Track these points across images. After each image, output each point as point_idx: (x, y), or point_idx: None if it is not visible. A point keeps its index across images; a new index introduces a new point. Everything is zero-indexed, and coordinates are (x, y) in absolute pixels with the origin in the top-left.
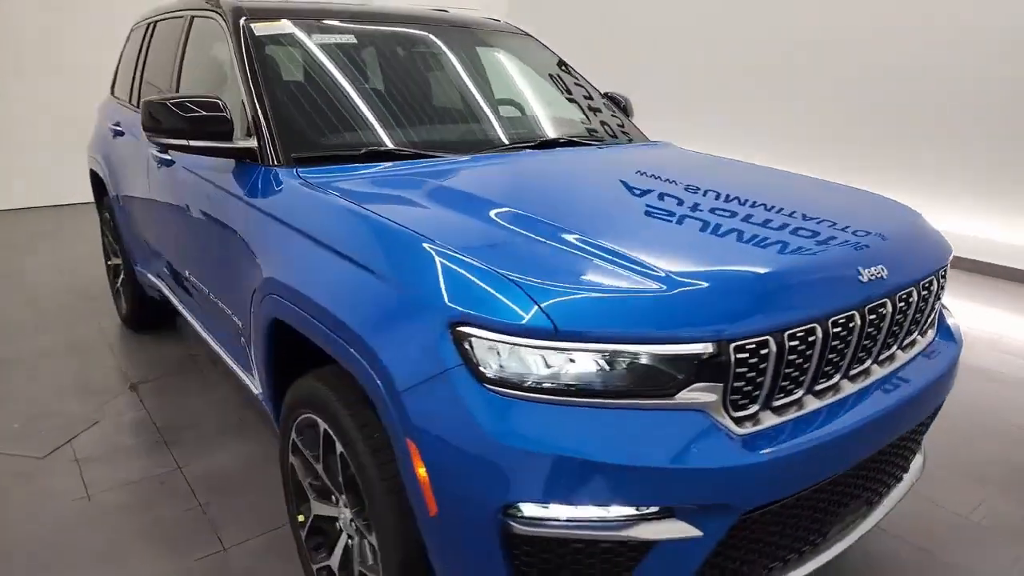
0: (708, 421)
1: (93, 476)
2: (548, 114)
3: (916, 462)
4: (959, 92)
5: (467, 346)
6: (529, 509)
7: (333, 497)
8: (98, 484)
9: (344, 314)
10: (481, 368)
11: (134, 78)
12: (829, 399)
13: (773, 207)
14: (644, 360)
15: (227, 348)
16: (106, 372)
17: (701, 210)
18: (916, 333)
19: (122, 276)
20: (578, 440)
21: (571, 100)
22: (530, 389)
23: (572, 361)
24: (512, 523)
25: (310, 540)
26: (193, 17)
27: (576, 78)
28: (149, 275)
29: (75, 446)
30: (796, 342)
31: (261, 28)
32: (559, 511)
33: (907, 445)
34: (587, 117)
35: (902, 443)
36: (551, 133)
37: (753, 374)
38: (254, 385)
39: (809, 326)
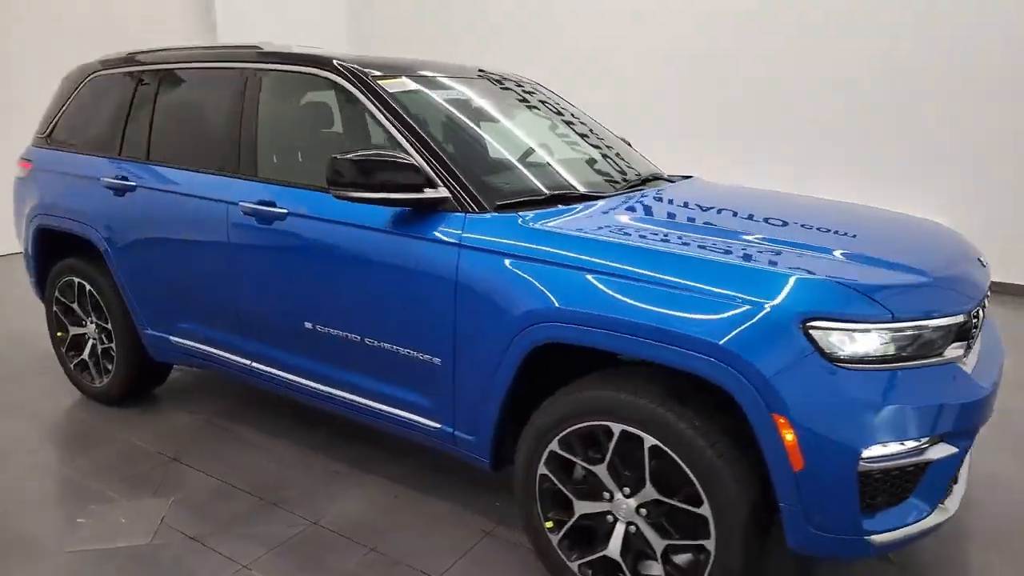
0: (959, 369)
1: (232, 549)
2: (625, 154)
3: None
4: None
5: (815, 335)
6: (874, 450)
7: (606, 494)
8: (245, 554)
9: (683, 328)
10: (828, 351)
11: (124, 130)
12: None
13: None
14: (933, 331)
15: (392, 390)
16: (129, 451)
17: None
18: None
19: (106, 345)
20: (902, 393)
21: (625, 142)
22: (866, 361)
23: (894, 337)
24: (862, 462)
25: (565, 541)
26: (267, 72)
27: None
28: (174, 337)
29: (173, 524)
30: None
31: (393, 85)
32: (891, 448)
33: None
34: (641, 156)
35: None
36: (642, 172)
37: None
38: (440, 421)
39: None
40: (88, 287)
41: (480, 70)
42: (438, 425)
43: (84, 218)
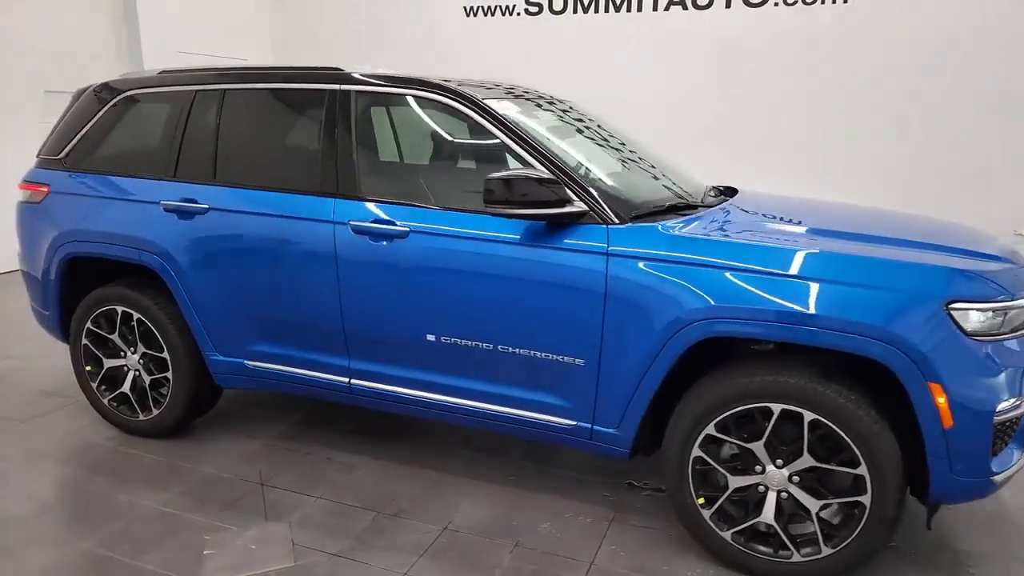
0: None
1: (381, 559)
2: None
3: None
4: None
5: (955, 315)
6: (1001, 405)
7: (758, 468)
8: (398, 563)
9: (856, 316)
10: (967, 327)
11: (180, 151)
12: None
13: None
14: None
15: (522, 393)
16: (210, 481)
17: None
18: None
19: (156, 376)
20: (1018, 358)
21: None
22: (992, 332)
23: (1010, 311)
24: (995, 416)
25: (716, 515)
26: (364, 93)
27: None
28: (249, 361)
29: (308, 544)
30: None
31: (502, 107)
32: (1010, 403)
33: None
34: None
35: None
36: (698, 184)
37: None
38: (576, 419)
39: None
40: (136, 316)
41: (517, 88)
42: (573, 423)
43: (139, 243)
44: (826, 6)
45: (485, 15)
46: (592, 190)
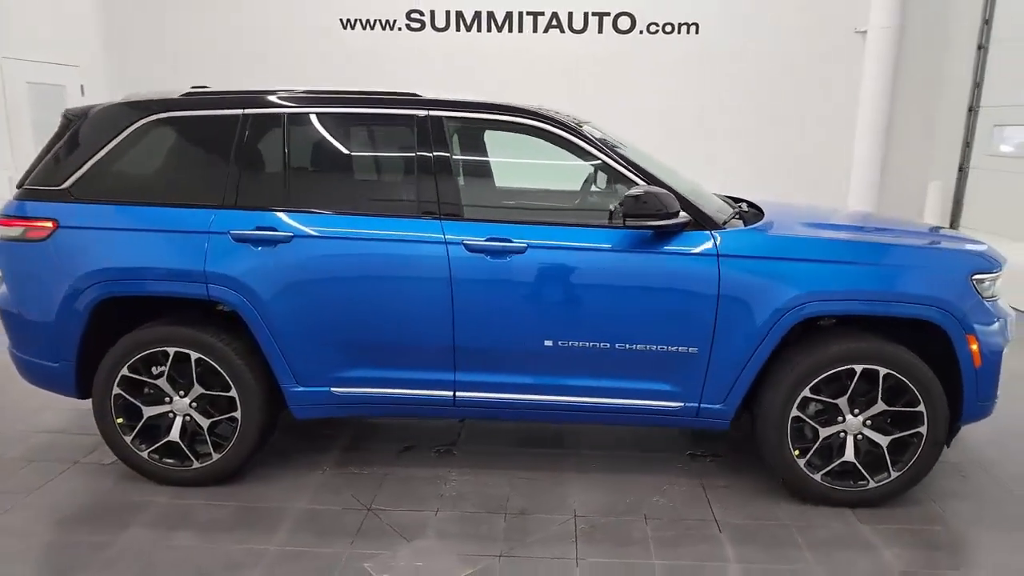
0: None
1: (550, 551)
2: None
3: None
4: None
5: (976, 284)
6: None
7: (840, 418)
8: (562, 551)
9: (926, 290)
10: (983, 292)
11: (239, 177)
12: None
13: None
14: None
15: (635, 384)
16: (315, 516)
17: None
18: None
19: (215, 418)
20: (1005, 312)
21: None
22: (995, 295)
23: (1001, 278)
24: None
25: (808, 462)
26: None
27: None
28: (337, 388)
29: (469, 552)
30: None
31: (593, 131)
32: (1005, 346)
33: None
34: None
35: None
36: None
37: None
38: (684, 400)
39: None
40: (195, 355)
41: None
42: (680, 404)
43: (205, 277)
44: (681, 35)
45: (364, 28)
46: (692, 201)
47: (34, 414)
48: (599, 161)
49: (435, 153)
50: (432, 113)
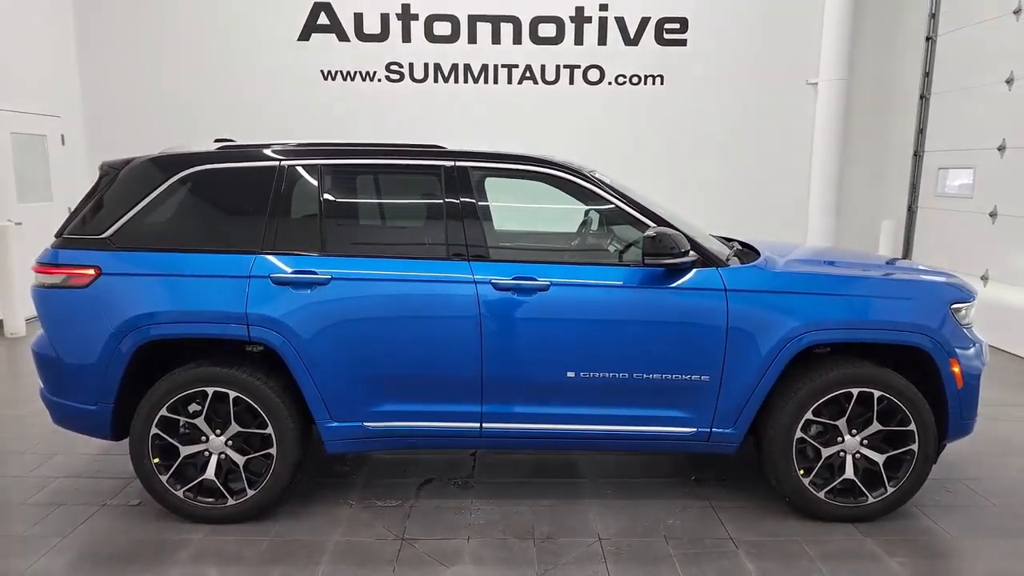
0: None
1: (582, 572)
2: None
3: None
4: None
5: (955, 313)
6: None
7: (839, 438)
8: (590, 561)
9: (910, 319)
10: (961, 319)
11: (276, 225)
12: None
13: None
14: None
15: (650, 411)
16: (352, 550)
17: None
18: None
19: (251, 455)
20: (978, 337)
21: None
22: (969, 323)
23: (974, 307)
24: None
25: (813, 480)
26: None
27: None
28: (371, 423)
29: (524, 569)
30: None
31: (604, 178)
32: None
33: None
34: None
35: None
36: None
37: None
38: (697, 425)
39: None
40: (233, 394)
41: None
42: (693, 429)
43: (248, 319)
44: (648, 86)
45: (344, 80)
46: (698, 241)
47: (48, 459)
48: (612, 205)
49: (461, 199)
50: (458, 164)
